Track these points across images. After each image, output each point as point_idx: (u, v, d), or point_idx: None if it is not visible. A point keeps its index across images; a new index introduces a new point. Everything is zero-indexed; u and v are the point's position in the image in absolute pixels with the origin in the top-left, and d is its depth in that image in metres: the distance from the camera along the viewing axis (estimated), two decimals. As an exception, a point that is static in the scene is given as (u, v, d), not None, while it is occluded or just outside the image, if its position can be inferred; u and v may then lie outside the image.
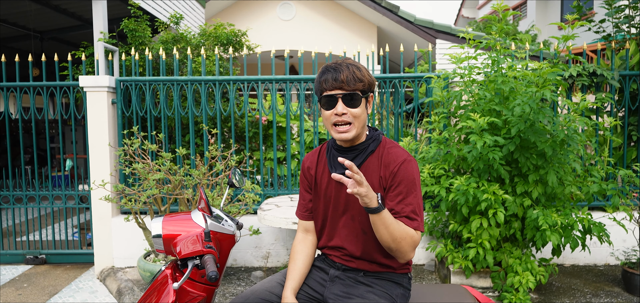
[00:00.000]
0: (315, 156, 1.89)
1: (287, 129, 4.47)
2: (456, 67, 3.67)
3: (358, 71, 1.65)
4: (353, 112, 1.65)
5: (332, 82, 1.64)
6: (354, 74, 1.64)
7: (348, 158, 1.73)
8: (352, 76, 1.63)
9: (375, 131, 1.80)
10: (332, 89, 1.64)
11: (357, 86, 1.64)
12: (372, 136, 1.76)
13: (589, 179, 3.46)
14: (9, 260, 4.68)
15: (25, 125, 10.59)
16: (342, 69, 1.64)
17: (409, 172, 1.66)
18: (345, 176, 1.48)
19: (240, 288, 3.82)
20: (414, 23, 8.45)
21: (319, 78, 1.69)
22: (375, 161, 1.72)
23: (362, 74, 1.66)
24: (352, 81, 1.63)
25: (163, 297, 1.67)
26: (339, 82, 1.63)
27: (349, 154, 1.74)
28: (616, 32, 4.77)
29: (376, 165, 1.71)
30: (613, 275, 4.03)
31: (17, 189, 4.63)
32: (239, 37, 5.49)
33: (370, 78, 1.69)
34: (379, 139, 1.76)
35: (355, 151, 1.74)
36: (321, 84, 1.67)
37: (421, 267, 4.28)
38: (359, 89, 1.64)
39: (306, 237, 1.90)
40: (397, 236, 1.58)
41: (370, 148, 1.73)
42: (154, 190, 3.52)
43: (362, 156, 1.73)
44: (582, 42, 10.24)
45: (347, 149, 1.75)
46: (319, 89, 1.69)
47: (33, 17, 7.00)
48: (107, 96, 4.25)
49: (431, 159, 3.69)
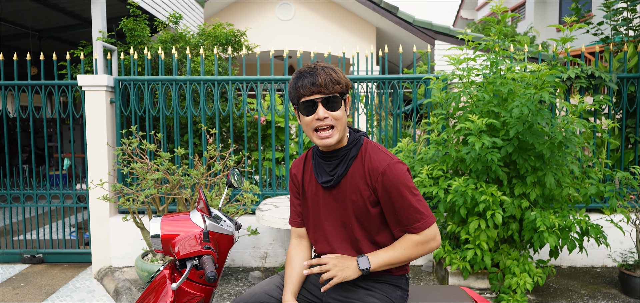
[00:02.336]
0: (301, 163, 1.87)
1: (285, 129, 4.47)
2: (455, 68, 3.67)
3: (334, 73, 1.63)
4: (334, 115, 1.62)
5: (309, 88, 1.60)
6: (332, 77, 1.61)
7: (332, 165, 1.72)
8: (329, 79, 1.60)
9: (356, 132, 1.76)
10: (311, 94, 1.61)
11: (336, 88, 1.61)
12: (353, 139, 1.73)
13: (587, 181, 3.47)
14: (6, 259, 4.67)
15: (23, 124, 10.57)
16: (319, 73, 1.61)
17: (394, 178, 1.62)
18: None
19: (238, 289, 3.82)
20: (412, 24, 8.46)
21: (294, 84, 1.65)
22: (359, 166, 1.69)
23: (339, 76, 1.63)
24: (330, 83, 1.60)
25: (161, 297, 1.67)
26: (317, 86, 1.59)
27: (332, 160, 1.72)
28: (614, 34, 4.79)
29: (361, 171, 1.69)
30: (610, 276, 4.04)
31: (15, 188, 4.62)
32: (237, 37, 5.49)
33: (346, 80, 1.67)
34: (360, 142, 1.73)
35: (338, 157, 1.71)
36: (298, 89, 1.63)
37: (419, 268, 4.28)
38: (337, 92, 1.62)
39: (301, 242, 1.89)
40: (408, 255, 1.64)
41: (352, 153, 1.70)
42: (152, 189, 3.52)
43: (345, 162, 1.70)
44: (580, 44, 10.25)
45: (330, 155, 1.73)
46: (296, 96, 1.64)
47: (31, 15, 6.98)
48: (105, 95, 4.25)
49: (429, 160, 3.70)
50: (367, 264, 1.64)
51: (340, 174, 1.70)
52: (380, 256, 1.66)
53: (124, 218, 3.89)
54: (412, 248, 1.66)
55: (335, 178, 1.71)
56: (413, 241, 1.66)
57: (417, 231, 1.64)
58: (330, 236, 1.77)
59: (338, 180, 1.71)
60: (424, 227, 1.64)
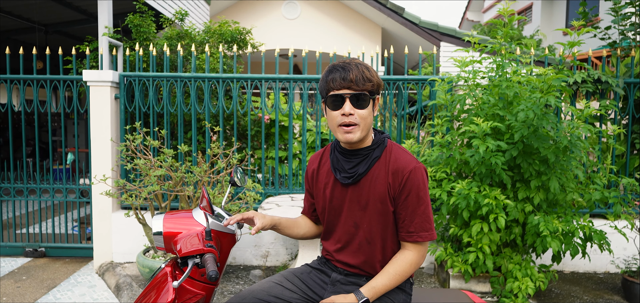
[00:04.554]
0: (318, 158, 1.87)
1: (289, 128, 4.47)
2: (460, 70, 3.66)
3: (367, 71, 1.61)
4: (360, 114, 1.61)
5: (340, 82, 1.59)
6: (363, 74, 1.59)
7: (352, 163, 1.71)
8: (361, 76, 1.59)
9: (381, 134, 1.74)
10: (340, 88, 1.59)
11: (366, 86, 1.59)
12: (378, 140, 1.71)
13: (591, 187, 3.45)
14: (8, 252, 4.69)
15: (28, 118, 10.61)
16: (351, 68, 1.59)
17: (417, 180, 1.63)
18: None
19: (238, 287, 3.82)
20: (418, 25, 8.43)
21: (325, 77, 1.64)
22: (382, 167, 1.68)
23: (371, 75, 1.61)
24: (361, 80, 1.58)
25: (162, 294, 1.67)
26: (348, 81, 1.58)
27: (353, 159, 1.70)
28: (622, 39, 4.76)
29: (383, 172, 1.67)
30: (613, 283, 4.02)
31: (19, 181, 4.64)
32: (243, 35, 5.48)
33: (379, 80, 1.65)
34: (384, 144, 1.71)
35: (360, 156, 1.69)
36: (328, 83, 1.62)
37: (420, 270, 4.27)
38: (367, 90, 1.60)
39: (308, 219, 1.98)
40: (402, 276, 1.66)
41: (375, 154, 1.68)
42: (155, 186, 3.52)
43: (367, 161, 1.68)
44: (587, 48, 10.20)
45: (352, 153, 1.71)
46: (326, 88, 1.64)
47: (38, 10, 7.00)
48: (110, 90, 4.25)
49: (433, 162, 3.68)
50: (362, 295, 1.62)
51: (360, 173, 1.68)
52: (381, 282, 1.65)
53: (126, 214, 3.90)
54: (406, 270, 1.67)
55: (354, 176, 1.69)
56: (410, 263, 1.67)
57: (422, 240, 1.65)
58: (341, 235, 1.77)
59: (358, 179, 1.69)
60: (430, 238, 1.66)
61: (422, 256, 1.69)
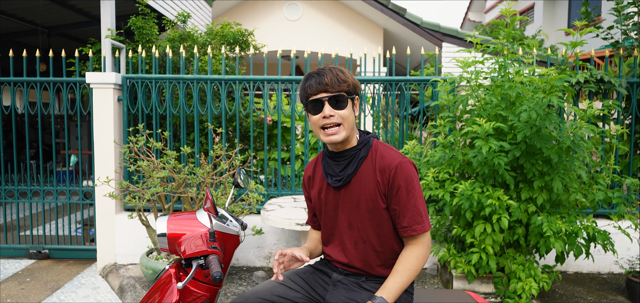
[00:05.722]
0: (312, 165, 1.92)
1: (291, 129, 4.48)
2: (463, 71, 3.65)
3: (341, 73, 1.68)
4: (341, 114, 1.66)
5: (316, 87, 1.66)
6: (338, 76, 1.66)
7: (341, 165, 1.74)
8: (335, 78, 1.65)
9: (366, 134, 1.79)
10: (317, 93, 1.66)
11: (342, 87, 1.66)
12: (363, 140, 1.75)
13: (595, 187, 3.44)
14: (12, 254, 4.71)
15: (31, 120, 10.64)
16: (326, 73, 1.66)
17: (405, 174, 1.66)
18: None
19: (242, 288, 3.82)
20: (420, 26, 8.43)
21: (303, 85, 1.71)
22: (369, 166, 1.72)
23: (346, 76, 1.68)
24: (336, 82, 1.65)
25: (167, 296, 1.67)
26: (324, 85, 1.65)
27: (341, 161, 1.74)
28: (624, 39, 4.75)
29: (371, 171, 1.71)
30: (617, 283, 4.01)
31: (22, 183, 4.65)
32: (245, 36, 5.49)
33: (354, 80, 1.71)
34: (369, 143, 1.75)
35: (347, 157, 1.74)
36: (306, 90, 1.69)
37: (423, 271, 4.26)
38: (343, 90, 1.66)
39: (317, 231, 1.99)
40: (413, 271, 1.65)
41: (362, 154, 1.73)
42: (158, 188, 3.53)
43: (354, 162, 1.72)
44: (589, 48, 10.19)
45: (339, 155, 1.75)
46: (304, 96, 1.70)
47: (41, 12, 7.03)
48: (113, 92, 4.27)
49: (436, 163, 3.68)
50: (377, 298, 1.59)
51: (349, 174, 1.72)
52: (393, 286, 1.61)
53: (129, 216, 3.91)
54: (416, 265, 1.66)
55: (344, 178, 1.72)
56: (417, 256, 1.67)
57: (416, 233, 1.66)
58: (338, 236, 1.80)
59: (348, 180, 1.73)
60: (423, 230, 1.67)
61: (425, 247, 1.69)
